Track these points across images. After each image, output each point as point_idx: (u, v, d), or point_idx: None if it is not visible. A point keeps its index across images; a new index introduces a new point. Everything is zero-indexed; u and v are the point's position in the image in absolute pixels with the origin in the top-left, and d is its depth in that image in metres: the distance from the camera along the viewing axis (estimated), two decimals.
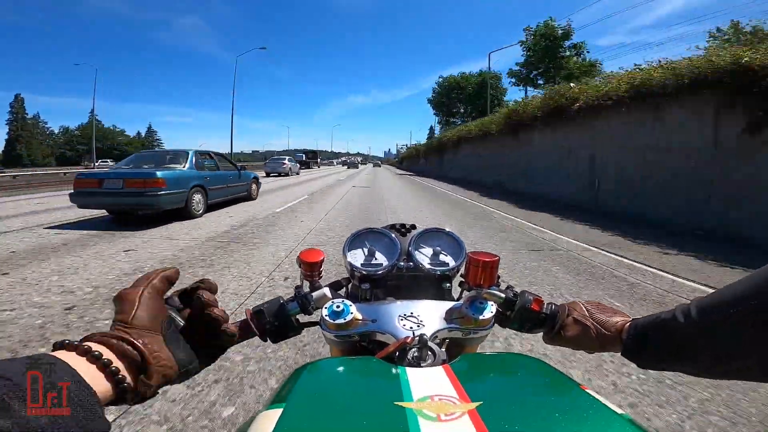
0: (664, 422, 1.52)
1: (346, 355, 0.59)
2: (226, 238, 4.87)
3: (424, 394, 0.35)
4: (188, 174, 6.39)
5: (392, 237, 0.70)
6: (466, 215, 7.42)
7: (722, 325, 0.36)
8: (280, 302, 0.54)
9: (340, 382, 0.43)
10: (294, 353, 1.99)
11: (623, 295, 2.98)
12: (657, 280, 3.42)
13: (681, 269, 3.77)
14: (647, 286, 3.22)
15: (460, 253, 0.68)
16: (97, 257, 3.88)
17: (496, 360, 0.53)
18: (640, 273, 3.63)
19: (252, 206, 8.07)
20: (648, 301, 2.86)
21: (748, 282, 0.35)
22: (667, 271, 3.70)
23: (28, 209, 7.67)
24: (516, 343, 2.11)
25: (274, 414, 0.33)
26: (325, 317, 0.53)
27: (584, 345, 0.52)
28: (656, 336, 0.43)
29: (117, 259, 3.83)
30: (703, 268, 3.86)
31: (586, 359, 1.96)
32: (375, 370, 0.43)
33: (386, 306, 0.56)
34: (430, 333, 0.51)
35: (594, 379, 1.82)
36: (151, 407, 1.56)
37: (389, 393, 0.36)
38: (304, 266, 0.59)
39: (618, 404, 1.13)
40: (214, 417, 1.52)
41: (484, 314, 0.53)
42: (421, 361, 0.46)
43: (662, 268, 3.77)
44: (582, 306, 0.54)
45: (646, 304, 2.79)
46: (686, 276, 3.55)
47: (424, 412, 0.32)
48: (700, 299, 0.41)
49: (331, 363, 0.49)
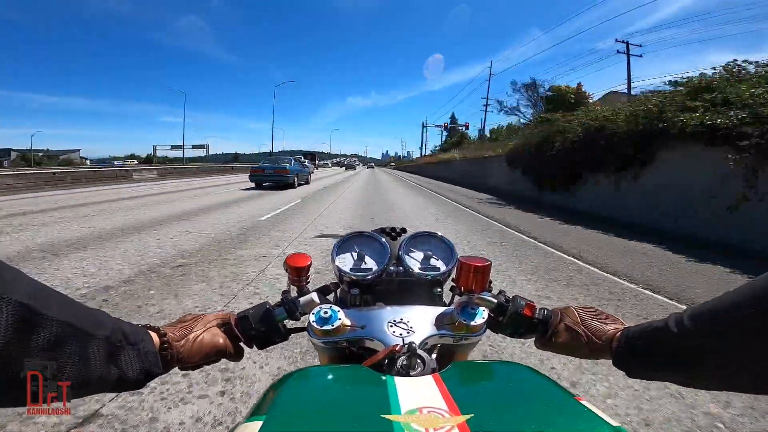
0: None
1: (334, 362, 0.58)
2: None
3: (412, 406, 0.34)
4: (293, 168, 14.52)
5: (382, 241, 0.69)
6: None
7: (717, 335, 0.35)
8: (266, 307, 0.55)
9: (325, 392, 0.42)
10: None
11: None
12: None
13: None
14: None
15: (451, 258, 0.68)
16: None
17: (487, 369, 0.51)
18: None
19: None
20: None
21: (743, 291, 0.34)
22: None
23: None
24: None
25: (254, 426, 0.32)
26: (312, 323, 0.52)
27: (575, 352, 0.52)
28: (648, 345, 0.42)
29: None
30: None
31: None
32: (362, 380, 0.43)
33: (375, 312, 0.56)
34: (420, 339, 0.51)
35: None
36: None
37: (376, 404, 0.35)
38: (291, 271, 0.59)
39: (612, 414, 1.27)
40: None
41: (476, 320, 0.52)
42: (410, 370, 0.45)
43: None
44: (575, 312, 0.53)
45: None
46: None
47: (412, 426, 0.31)
48: (693, 308, 0.39)
49: (317, 372, 0.48)
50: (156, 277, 3.26)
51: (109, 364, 0.37)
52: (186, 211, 7.34)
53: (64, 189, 12.19)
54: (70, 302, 0.34)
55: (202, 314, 0.53)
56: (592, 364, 1.95)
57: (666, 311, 2.39)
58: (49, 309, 0.31)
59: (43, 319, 0.30)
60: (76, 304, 0.35)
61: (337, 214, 7.88)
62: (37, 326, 0.30)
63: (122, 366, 0.38)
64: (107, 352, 0.36)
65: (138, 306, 2.66)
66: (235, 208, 8.20)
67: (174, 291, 2.97)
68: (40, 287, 0.32)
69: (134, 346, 0.40)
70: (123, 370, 0.38)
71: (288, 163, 14.60)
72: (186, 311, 2.62)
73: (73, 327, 0.33)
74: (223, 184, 16.17)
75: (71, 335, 0.32)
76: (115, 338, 0.38)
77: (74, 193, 10.96)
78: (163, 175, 20.98)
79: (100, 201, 8.84)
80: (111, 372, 0.37)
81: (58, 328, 0.31)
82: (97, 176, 16.11)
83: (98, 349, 0.35)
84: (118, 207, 7.79)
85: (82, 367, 0.33)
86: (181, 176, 22.12)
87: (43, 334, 0.30)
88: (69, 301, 0.35)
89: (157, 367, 0.43)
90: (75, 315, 0.34)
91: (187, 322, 0.51)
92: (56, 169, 16.49)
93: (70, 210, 7.20)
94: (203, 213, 7.22)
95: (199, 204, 8.70)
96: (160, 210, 7.47)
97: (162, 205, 8.42)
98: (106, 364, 0.36)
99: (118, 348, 0.38)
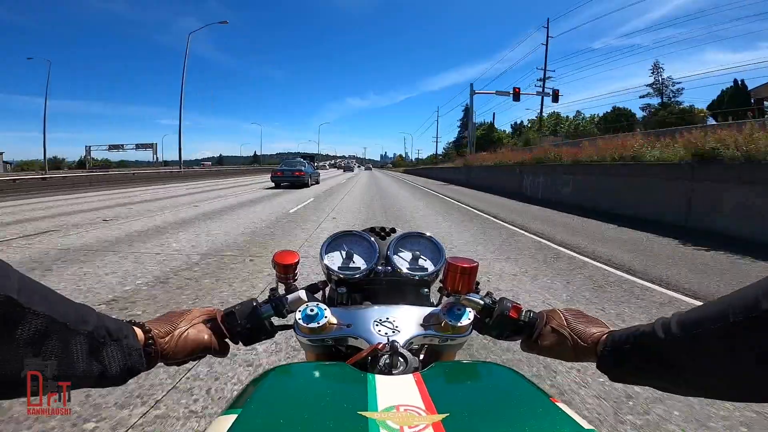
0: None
1: (320, 359, 0.58)
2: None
3: (389, 404, 0.35)
4: (307, 170, 16.87)
5: (371, 240, 0.70)
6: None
7: (704, 342, 0.35)
8: (253, 304, 0.55)
9: (304, 387, 0.42)
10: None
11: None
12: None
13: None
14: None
15: (439, 258, 0.68)
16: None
17: (468, 369, 0.51)
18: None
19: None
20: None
21: (732, 299, 0.34)
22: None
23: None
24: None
25: (229, 420, 0.33)
26: (298, 321, 0.52)
27: (560, 355, 0.52)
28: (633, 350, 0.42)
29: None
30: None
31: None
32: (343, 377, 0.43)
33: (362, 311, 0.56)
34: (405, 339, 0.51)
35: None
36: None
37: (354, 401, 0.35)
38: (279, 268, 0.59)
39: (588, 418, 1.17)
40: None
41: (462, 321, 0.53)
42: (392, 369, 0.46)
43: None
44: (561, 314, 0.53)
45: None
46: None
47: (387, 424, 0.32)
48: (680, 314, 0.39)
49: (299, 368, 0.48)
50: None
51: (91, 359, 0.36)
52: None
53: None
54: (54, 296, 0.34)
55: (187, 310, 0.53)
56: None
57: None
58: (34, 303, 0.30)
59: (29, 313, 0.30)
60: (60, 298, 0.35)
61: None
62: (22, 320, 0.29)
63: (105, 362, 0.38)
64: (90, 347, 0.36)
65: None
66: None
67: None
68: (26, 280, 0.31)
69: (118, 342, 0.39)
70: (105, 366, 0.38)
71: (303, 166, 17.04)
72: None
73: (57, 322, 0.32)
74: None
75: (55, 330, 0.32)
76: (99, 334, 0.37)
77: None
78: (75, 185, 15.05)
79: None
80: (93, 367, 0.36)
81: (42, 323, 0.31)
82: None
83: (81, 344, 0.35)
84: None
85: (64, 362, 0.33)
86: (115, 184, 16.89)
87: (28, 328, 0.30)
88: (53, 294, 0.34)
89: (140, 363, 0.42)
90: (59, 309, 0.33)
91: (172, 318, 0.50)
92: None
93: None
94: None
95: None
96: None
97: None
98: (89, 360, 0.36)
99: (101, 343, 0.37)
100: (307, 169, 17.08)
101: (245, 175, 30.51)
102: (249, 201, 10.58)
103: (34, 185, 13.80)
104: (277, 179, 16.48)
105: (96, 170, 20.39)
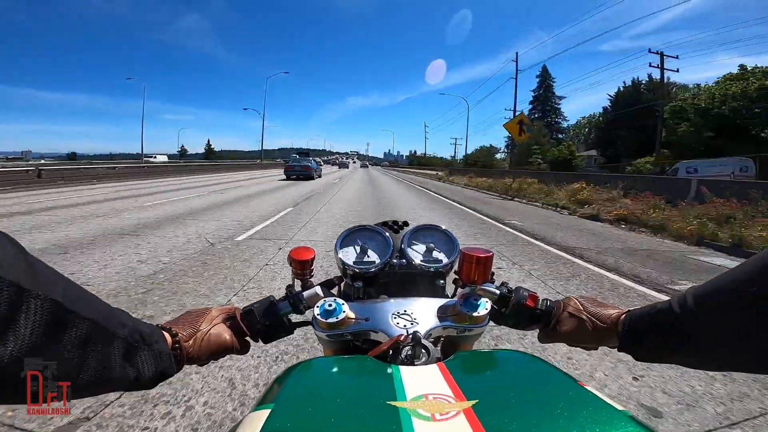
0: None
1: (338, 354, 0.58)
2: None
3: (418, 393, 0.35)
4: (313, 165, 21.50)
5: (385, 234, 0.70)
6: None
7: (720, 314, 0.35)
8: (270, 301, 0.55)
9: (331, 381, 0.42)
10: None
11: None
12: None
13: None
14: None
15: (453, 250, 0.68)
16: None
17: (491, 357, 0.51)
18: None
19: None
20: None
21: (746, 268, 0.34)
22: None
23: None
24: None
25: (262, 415, 0.33)
26: (317, 316, 0.52)
27: (580, 339, 0.52)
28: (653, 327, 0.42)
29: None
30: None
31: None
32: (368, 369, 0.43)
33: (379, 304, 0.56)
34: (424, 330, 0.51)
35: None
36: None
37: (382, 392, 0.35)
38: (295, 264, 0.59)
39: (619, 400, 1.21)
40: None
41: (479, 311, 0.53)
42: (414, 359, 0.46)
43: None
44: (576, 301, 0.53)
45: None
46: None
47: (418, 412, 0.32)
48: (696, 287, 0.39)
49: (323, 362, 0.48)
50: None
51: (125, 363, 0.37)
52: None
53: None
54: (96, 301, 0.35)
55: (206, 309, 0.53)
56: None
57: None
58: (79, 307, 0.31)
59: (74, 317, 0.30)
60: (101, 303, 0.36)
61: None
62: (68, 324, 0.30)
63: (138, 366, 0.38)
64: (126, 351, 0.37)
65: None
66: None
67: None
68: (72, 285, 0.32)
69: (150, 347, 0.40)
70: (139, 370, 0.38)
71: (310, 162, 21.62)
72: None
73: (99, 325, 0.33)
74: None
75: (97, 333, 0.33)
76: (133, 338, 0.38)
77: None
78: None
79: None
80: (128, 372, 0.37)
81: (86, 326, 0.31)
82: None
83: (118, 349, 0.36)
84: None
85: (103, 365, 0.33)
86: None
87: (73, 332, 0.30)
88: (95, 299, 0.35)
89: (171, 367, 0.43)
90: (101, 313, 0.34)
91: (192, 319, 0.51)
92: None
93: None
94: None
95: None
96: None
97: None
98: (124, 364, 0.36)
99: (136, 348, 0.38)
100: (314, 164, 21.57)
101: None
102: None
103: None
104: (289, 173, 20.78)
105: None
